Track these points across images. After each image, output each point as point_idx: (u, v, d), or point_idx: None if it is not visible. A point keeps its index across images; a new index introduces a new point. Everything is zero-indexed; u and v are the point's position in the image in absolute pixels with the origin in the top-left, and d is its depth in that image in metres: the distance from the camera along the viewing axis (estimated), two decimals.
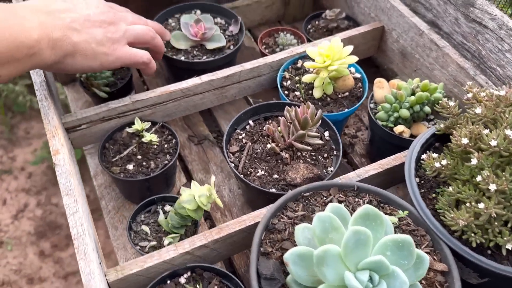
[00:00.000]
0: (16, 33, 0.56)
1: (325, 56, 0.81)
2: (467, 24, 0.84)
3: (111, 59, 0.71)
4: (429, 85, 0.80)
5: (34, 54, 0.59)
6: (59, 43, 0.63)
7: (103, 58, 0.70)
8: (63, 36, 0.63)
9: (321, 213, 0.55)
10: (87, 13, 0.69)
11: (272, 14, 1.21)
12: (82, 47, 0.66)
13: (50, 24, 0.62)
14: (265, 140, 0.79)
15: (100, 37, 0.69)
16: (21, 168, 2.37)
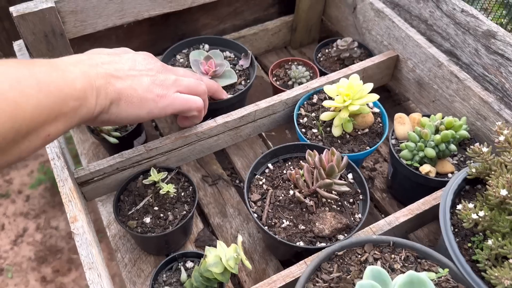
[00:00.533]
0: (61, 86, 0.53)
1: (344, 95, 0.78)
2: (488, 55, 0.81)
3: (161, 105, 0.66)
4: (454, 122, 0.77)
5: (80, 106, 0.55)
6: (102, 90, 0.59)
7: (151, 104, 0.65)
8: (106, 83, 0.59)
9: (363, 281, 0.52)
10: (133, 64, 0.65)
11: (278, 41, 1.18)
12: (127, 93, 0.62)
13: (93, 73, 0.58)
14: (286, 185, 0.76)
15: (147, 83, 0.64)
16: (18, 191, 2.32)
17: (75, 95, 0.55)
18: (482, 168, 0.66)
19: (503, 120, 0.76)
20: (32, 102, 0.49)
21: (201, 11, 1.05)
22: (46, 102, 0.51)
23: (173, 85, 0.69)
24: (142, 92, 0.64)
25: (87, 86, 0.57)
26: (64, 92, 0.53)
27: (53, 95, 0.52)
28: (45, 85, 0.51)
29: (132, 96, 0.63)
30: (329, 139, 0.83)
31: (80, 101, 0.55)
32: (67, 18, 0.85)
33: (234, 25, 1.13)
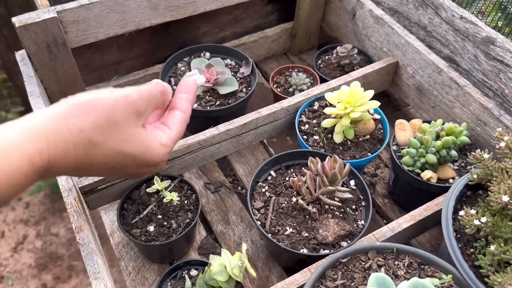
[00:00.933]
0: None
1: (346, 103, 0.79)
2: (488, 62, 0.82)
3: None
4: (454, 128, 0.78)
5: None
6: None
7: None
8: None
9: None
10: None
11: (278, 48, 1.19)
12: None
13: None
14: (289, 192, 0.77)
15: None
16: (18, 198, 2.32)
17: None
18: (483, 174, 0.67)
19: (503, 126, 0.77)
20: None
21: (202, 19, 1.06)
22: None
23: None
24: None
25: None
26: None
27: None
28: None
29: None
30: (331, 145, 0.84)
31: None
32: (69, 28, 0.85)
33: (234, 32, 1.14)
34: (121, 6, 0.87)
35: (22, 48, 0.82)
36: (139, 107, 0.48)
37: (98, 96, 0.46)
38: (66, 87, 0.91)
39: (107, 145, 0.45)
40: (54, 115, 0.43)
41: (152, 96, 0.51)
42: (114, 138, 0.46)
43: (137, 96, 0.48)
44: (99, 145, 0.45)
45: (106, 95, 0.46)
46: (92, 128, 0.44)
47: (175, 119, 0.54)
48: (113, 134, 0.46)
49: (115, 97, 0.46)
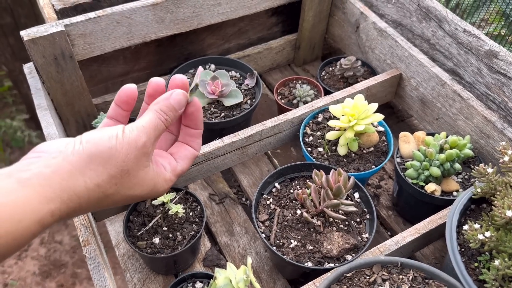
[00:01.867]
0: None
1: (350, 116, 0.80)
2: (491, 75, 0.83)
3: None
4: (458, 141, 0.78)
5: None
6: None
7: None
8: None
9: None
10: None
11: (282, 59, 1.20)
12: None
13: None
14: (293, 205, 0.77)
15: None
16: None
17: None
18: (487, 188, 0.67)
19: (507, 139, 0.78)
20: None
21: (207, 31, 1.07)
22: None
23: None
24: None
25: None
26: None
27: None
28: None
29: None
30: (335, 157, 0.84)
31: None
32: (76, 41, 0.86)
33: (238, 44, 1.15)
34: (127, 20, 0.89)
35: (27, 56, 0.84)
36: (147, 148, 0.49)
37: (113, 144, 0.46)
38: (73, 99, 0.92)
39: (118, 193, 0.47)
40: (71, 168, 0.43)
41: (158, 129, 0.51)
42: (125, 186, 0.47)
43: (146, 138, 0.49)
44: (111, 195, 0.46)
45: (120, 142, 0.47)
46: (107, 180, 0.45)
47: (186, 154, 0.56)
48: (124, 182, 0.47)
49: (128, 144, 0.47)
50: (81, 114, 0.95)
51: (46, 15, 0.91)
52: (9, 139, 2.43)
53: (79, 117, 0.95)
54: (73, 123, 0.96)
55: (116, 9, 0.87)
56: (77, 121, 0.96)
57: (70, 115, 0.94)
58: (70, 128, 0.97)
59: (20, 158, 0.46)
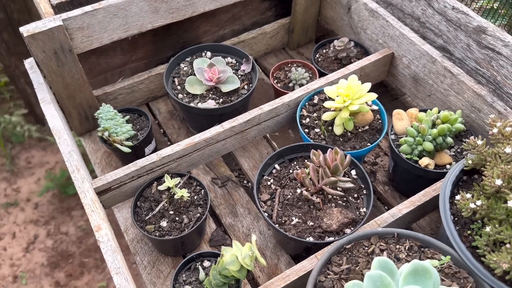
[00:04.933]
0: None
1: (344, 96, 0.82)
2: (480, 50, 0.85)
3: None
4: (449, 115, 0.81)
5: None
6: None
7: None
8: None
9: (372, 272, 0.56)
10: None
11: (276, 43, 1.22)
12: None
13: None
14: (293, 184, 0.80)
15: None
16: (26, 199, 2.36)
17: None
18: (477, 160, 0.70)
19: (496, 112, 0.80)
20: None
21: (201, 19, 1.09)
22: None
23: None
24: None
25: None
26: None
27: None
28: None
29: None
30: (331, 137, 0.87)
31: None
32: (75, 35, 0.88)
33: (233, 30, 1.17)
34: (123, 11, 0.90)
35: (23, 51, 0.85)
36: None
37: None
38: (74, 92, 0.94)
39: None
40: None
41: None
42: None
43: None
44: None
45: None
46: None
47: None
48: None
49: None
50: (83, 106, 0.98)
51: (43, 10, 0.93)
52: (9, 135, 2.45)
53: (81, 109, 0.98)
54: (75, 115, 0.98)
55: (111, 1, 0.88)
56: (79, 113, 0.98)
57: (72, 107, 0.97)
58: (72, 120, 0.99)
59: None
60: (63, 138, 0.77)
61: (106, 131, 0.87)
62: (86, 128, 1.02)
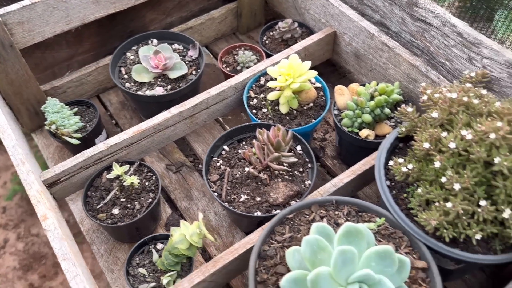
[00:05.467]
0: None
1: (286, 75, 0.85)
2: (413, 23, 0.89)
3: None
4: (386, 87, 0.85)
5: None
6: None
7: None
8: None
9: (308, 236, 0.59)
10: None
11: (226, 28, 1.23)
12: None
13: None
14: (242, 164, 0.83)
15: None
16: None
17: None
18: (410, 127, 0.74)
19: (430, 81, 0.84)
20: None
21: (147, 7, 1.09)
22: None
23: None
24: None
25: None
26: None
27: None
28: None
29: None
30: (278, 116, 0.90)
31: None
32: (15, 30, 0.87)
33: (181, 17, 1.17)
34: (63, 4, 0.90)
35: None
36: None
37: None
38: (20, 88, 0.94)
39: None
40: None
41: None
42: None
43: None
44: None
45: None
46: None
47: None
48: None
49: None
50: (31, 102, 0.97)
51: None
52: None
53: (29, 105, 0.97)
54: (24, 111, 0.97)
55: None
56: (28, 109, 0.97)
57: (19, 103, 0.96)
58: (22, 117, 0.98)
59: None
60: (6, 133, 0.77)
61: (53, 124, 0.87)
62: (36, 123, 1.01)
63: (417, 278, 0.62)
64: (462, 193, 0.62)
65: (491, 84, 0.78)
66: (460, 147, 0.63)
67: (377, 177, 0.71)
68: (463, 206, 0.62)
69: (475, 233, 0.63)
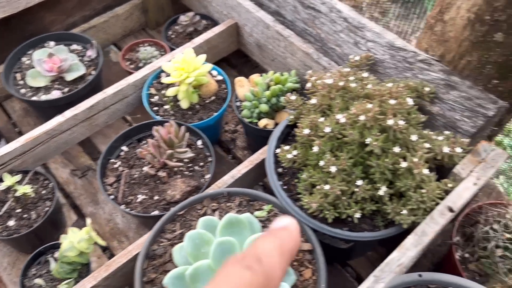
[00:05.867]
0: None
1: (180, 70, 0.84)
2: (304, 10, 0.90)
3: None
4: (280, 76, 0.86)
5: None
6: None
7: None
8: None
9: (191, 232, 0.60)
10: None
11: (134, 24, 1.20)
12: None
13: None
14: (141, 163, 0.82)
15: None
16: None
17: None
18: (297, 114, 0.76)
19: (322, 68, 0.87)
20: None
21: (44, 9, 1.05)
22: None
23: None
24: None
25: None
26: None
27: None
28: None
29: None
30: (180, 112, 0.90)
31: None
32: None
33: (84, 16, 1.14)
34: None
35: None
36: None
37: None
38: None
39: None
40: None
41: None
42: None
43: None
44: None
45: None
46: None
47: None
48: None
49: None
50: None
51: None
52: None
53: None
54: None
55: None
56: None
57: None
58: None
59: None
60: None
61: None
62: None
63: (304, 260, 0.65)
64: (340, 175, 0.65)
65: (376, 66, 0.81)
66: (336, 131, 0.65)
67: (266, 165, 0.72)
68: (341, 187, 0.64)
69: (355, 212, 0.65)
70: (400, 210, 0.64)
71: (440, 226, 0.57)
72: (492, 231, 0.69)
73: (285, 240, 0.28)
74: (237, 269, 0.25)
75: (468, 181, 0.61)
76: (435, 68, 0.72)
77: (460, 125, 0.71)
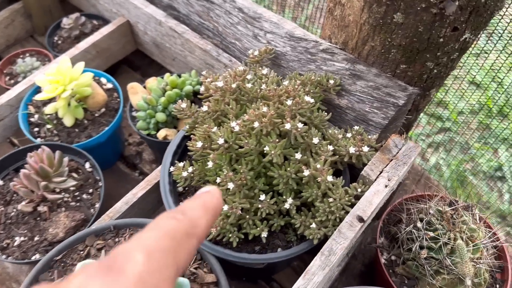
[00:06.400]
0: None
1: (55, 83, 0.72)
2: (198, 2, 0.80)
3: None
4: (177, 79, 0.76)
5: None
6: None
7: None
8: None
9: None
10: None
11: (18, 32, 1.05)
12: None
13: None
14: (20, 198, 0.69)
15: None
16: None
17: None
18: (193, 123, 0.66)
19: (223, 66, 0.77)
20: None
21: None
22: None
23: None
24: None
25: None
26: None
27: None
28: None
29: None
30: (65, 131, 0.77)
31: None
32: None
33: None
34: None
35: None
36: None
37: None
38: None
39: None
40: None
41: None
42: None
43: None
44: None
45: None
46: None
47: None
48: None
49: None
50: None
51: None
52: None
53: None
54: None
55: None
56: None
57: None
58: None
59: None
60: None
61: None
62: None
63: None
64: (241, 191, 0.56)
65: (279, 60, 0.73)
66: (231, 141, 0.56)
67: (161, 186, 0.63)
68: (242, 205, 0.56)
69: (261, 231, 0.57)
70: (310, 223, 0.56)
71: (349, 241, 0.50)
72: (415, 230, 0.63)
73: (207, 200, 0.30)
74: (163, 219, 0.26)
75: (378, 184, 0.55)
76: (339, 58, 0.65)
77: (371, 118, 0.64)
